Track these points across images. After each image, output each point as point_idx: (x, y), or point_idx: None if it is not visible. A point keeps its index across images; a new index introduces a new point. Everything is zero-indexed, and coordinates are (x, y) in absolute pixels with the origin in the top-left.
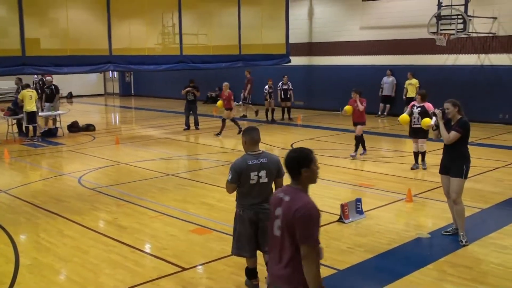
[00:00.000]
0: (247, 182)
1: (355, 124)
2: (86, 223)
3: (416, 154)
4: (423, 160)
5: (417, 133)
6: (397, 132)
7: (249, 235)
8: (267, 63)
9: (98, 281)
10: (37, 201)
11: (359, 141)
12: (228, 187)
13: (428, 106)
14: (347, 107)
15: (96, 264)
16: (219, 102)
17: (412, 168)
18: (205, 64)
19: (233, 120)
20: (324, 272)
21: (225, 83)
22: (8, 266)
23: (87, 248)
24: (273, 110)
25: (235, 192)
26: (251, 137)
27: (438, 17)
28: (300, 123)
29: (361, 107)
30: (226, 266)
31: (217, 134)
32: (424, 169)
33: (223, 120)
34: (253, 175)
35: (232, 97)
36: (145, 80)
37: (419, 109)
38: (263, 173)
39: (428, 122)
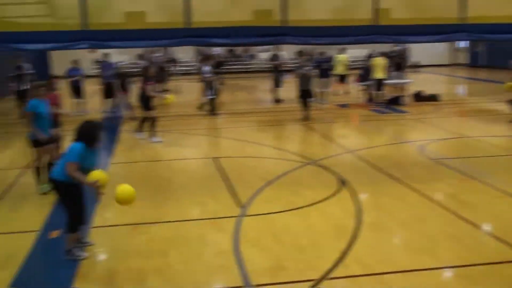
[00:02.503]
0: None
1: None
2: (425, 192)
3: None
4: None
5: None
6: None
7: None
8: None
9: (433, 252)
10: (380, 164)
11: None
12: None
13: None
14: None
15: (433, 235)
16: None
17: None
18: None
19: None
20: None
21: None
22: (350, 221)
23: (425, 217)
24: None
25: None
26: None
27: None
28: None
29: None
30: None
31: None
32: None
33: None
34: None
35: None
36: (500, 50)
37: None
38: None
39: None
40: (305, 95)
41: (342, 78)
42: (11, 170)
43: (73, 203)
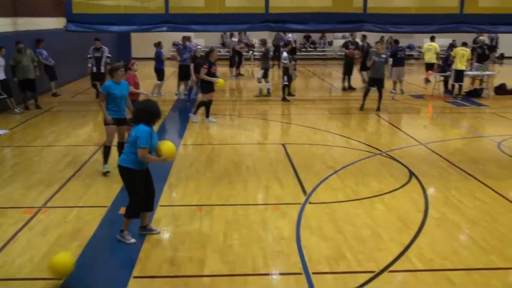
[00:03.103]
0: None
1: None
2: (500, 190)
3: None
4: None
5: None
6: None
7: None
8: None
9: (504, 252)
10: (453, 158)
11: None
12: None
13: None
14: None
15: (504, 233)
16: None
17: None
18: None
19: None
20: None
21: None
22: (417, 215)
23: (497, 215)
24: None
25: None
26: None
27: None
28: None
29: None
30: None
31: None
32: None
33: None
34: None
35: None
36: None
37: None
38: None
39: None
40: (375, 83)
41: (430, 67)
42: (86, 147)
43: (137, 191)
